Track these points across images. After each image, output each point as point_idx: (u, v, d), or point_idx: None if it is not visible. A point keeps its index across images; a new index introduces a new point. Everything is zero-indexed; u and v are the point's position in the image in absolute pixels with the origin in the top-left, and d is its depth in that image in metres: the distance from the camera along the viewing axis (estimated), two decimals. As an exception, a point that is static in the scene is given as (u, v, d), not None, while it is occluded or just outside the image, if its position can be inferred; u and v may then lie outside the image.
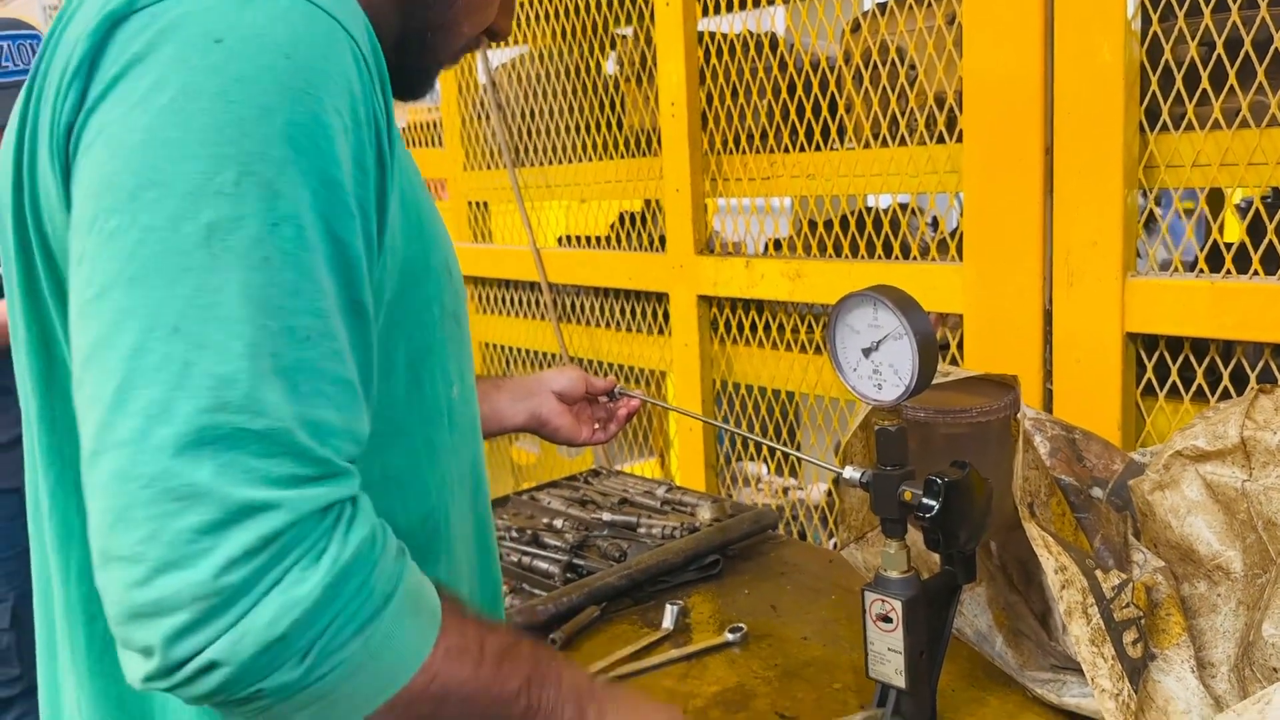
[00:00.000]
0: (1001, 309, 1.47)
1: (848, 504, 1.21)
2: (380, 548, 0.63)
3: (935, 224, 1.95)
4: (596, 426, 1.41)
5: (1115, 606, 1.05)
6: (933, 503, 0.95)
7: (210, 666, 0.56)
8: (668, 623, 1.40)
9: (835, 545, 1.94)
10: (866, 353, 1.01)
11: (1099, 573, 1.07)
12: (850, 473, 1.05)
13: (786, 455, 1.97)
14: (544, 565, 1.58)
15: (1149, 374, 1.38)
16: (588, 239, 2.27)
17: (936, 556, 1.08)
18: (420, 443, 0.78)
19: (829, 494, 2.31)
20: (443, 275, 0.80)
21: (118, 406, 0.57)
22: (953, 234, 1.57)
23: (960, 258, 1.52)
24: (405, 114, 2.81)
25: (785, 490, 2.46)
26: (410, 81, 0.85)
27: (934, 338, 0.98)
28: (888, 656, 1.04)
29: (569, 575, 1.54)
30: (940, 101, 1.55)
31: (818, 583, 1.51)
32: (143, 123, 0.59)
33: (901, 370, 0.98)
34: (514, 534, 1.68)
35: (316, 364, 0.61)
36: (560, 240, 2.39)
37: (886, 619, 1.03)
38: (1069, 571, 1.04)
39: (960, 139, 1.50)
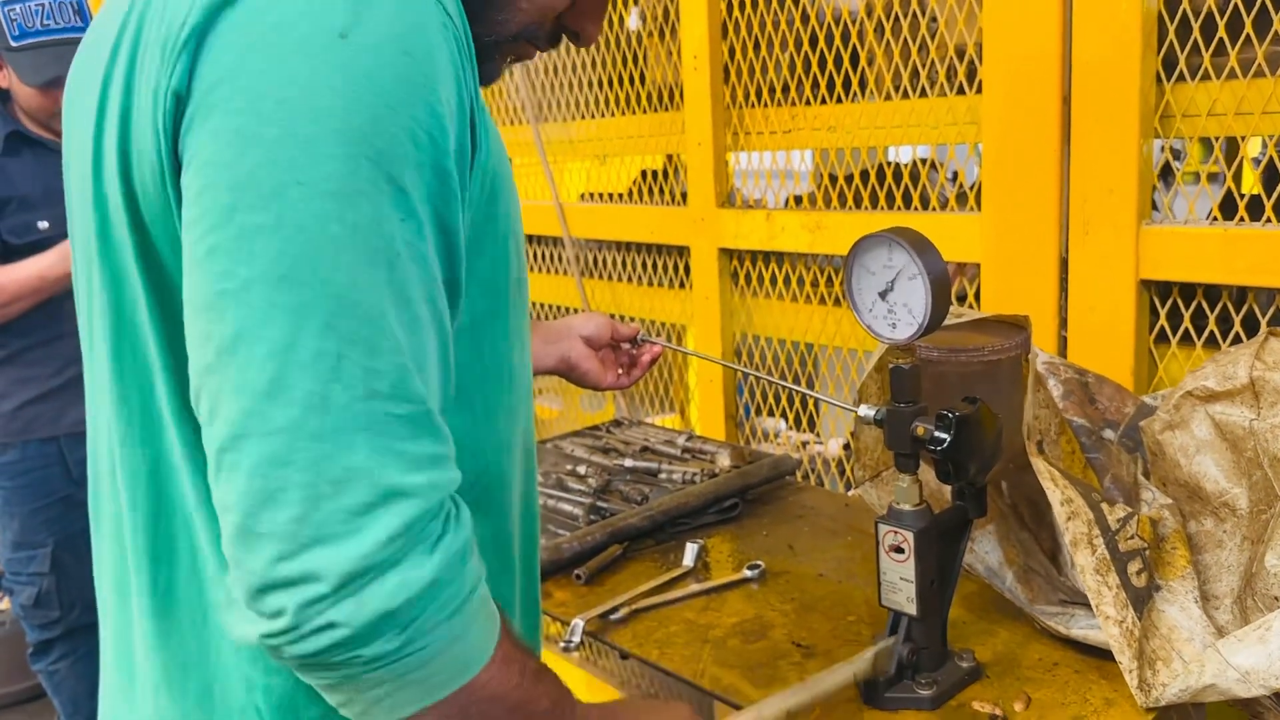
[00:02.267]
0: (1018, 257, 1.49)
1: (863, 443, 1.25)
2: (472, 545, 0.68)
3: (955, 178, 1.97)
4: (620, 371, 1.45)
5: (1120, 538, 1.09)
6: (944, 435, 0.99)
7: (328, 627, 0.61)
8: (688, 560, 1.44)
9: (850, 490, 1.98)
10: (882, 294, 1.04)
11: (1104, 505, 1.10)
12: (865, 410, 1.09)
13: (805, 404, 2.01)
14: (568, 508, 1.62)
15: (1162, 321, 1.41)
16: (610, 195, 2.30)
17: (949, 493, 1.12)
18: (479, 403, 0.82)
19: (846, 447, 2.35)
20: (510, 242, 0.83)
21: (272, 396, 0.61)
22: (972, 187, 1.60)
23: (979, 208, 1.55)
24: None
25: (804, 443, 2.50)
26: (484, 68, 0.83)
27: (948, 277, 1.01)
28: (900, 585, 1.08)
29: (592, 517, 1.59)
30: (960, 53, 1.56)
31: (834, 524, 1.56)
32: (277, 117, 0.61)
33: (915, 309, 1.01)
34: (539, 478, 1.73)
35: (428, 351, 0.66)
36: (582, 196, 2.42)
37: (899, 549, 1.07)
38: (1075, 504, 1.08)
39: (980, 90, 1.52)
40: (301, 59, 0.62)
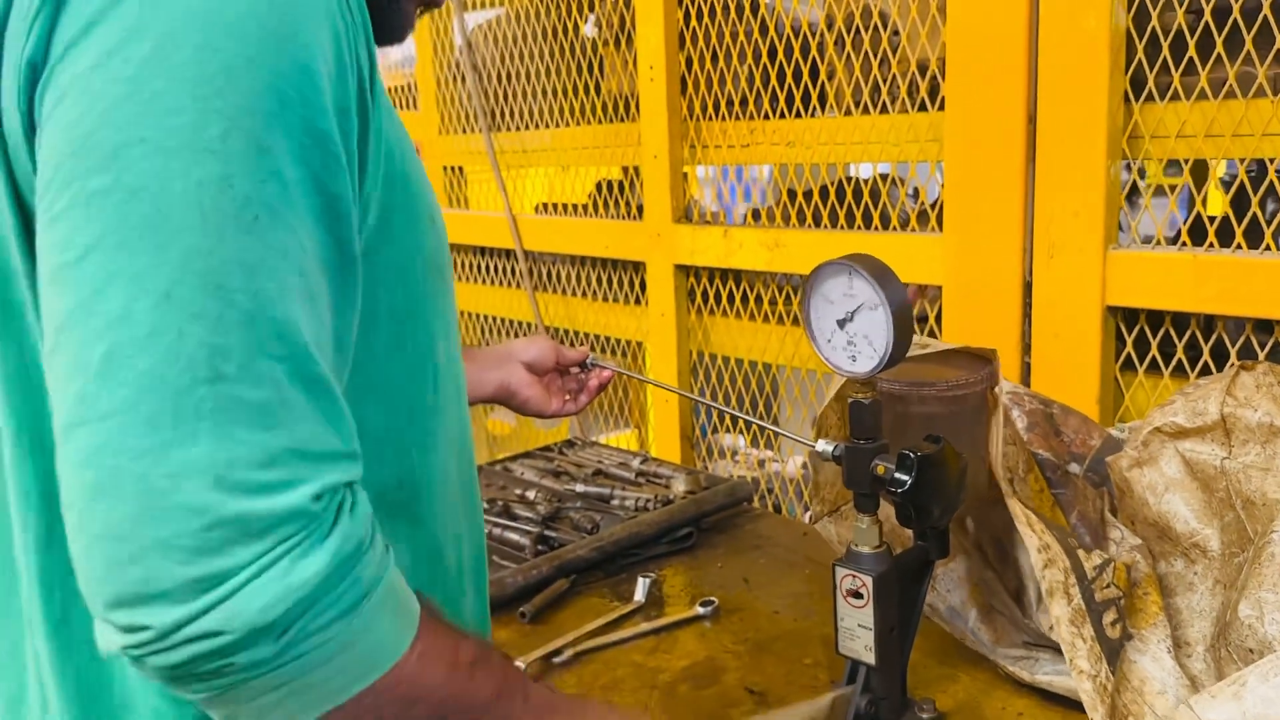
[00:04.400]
0: (981, 281, 1.44)
1: (822, 477, 1.19)
2: (371, 538, 0.61)
3: (916, 194, 1.92)
4: (567, 398, 1.39)
5: (1097, 586, 1.04)
6: (905, 477, 0.93)
7: (191, 640, 0.54)
8: (639, 595, 1.38)
9: (810, 518, 1.93)
10: (841, 323, 0.98)
11: (1081, 552, 1.05)
12: (823, 446, 1.03)
13: (763, 428, 1.95)
14: (515, 537, 1.55)
15: (1128, 348, 1.36)
16: (568, 206, 2.23)
17: (910, 531, 1.06)
18: (400, 401, 0.75)
19: (805, 466, 2.29)
20: (425, 225, 0.77)
21: (104, 376, 0.54)
22: (933, 205, 1.55)
23: (940, 228, 1.50)
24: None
25: (762, 463, 2.44)
26: (388, 21, 0.81)
27: (910, 309, 0.95)
28: (858, 633, 1.02)
29: (540, 547, 1.52)
30: (923, 68, 1.52)
31: (791, 556, 1.50)
32: (125, 74, 0.56)
33: (876, 342, 0.96)
34: (484, 505, 1.65)
35: (298, 327, 0.59)
36: (538, 208, 2.34)
37: (857, 594, 1.01)
38: (1052, 550, 1.02)
39: (942, 106, 1.47)
40: (154, 11, 0.56)
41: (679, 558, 1.52)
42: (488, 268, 2.45)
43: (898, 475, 0.93)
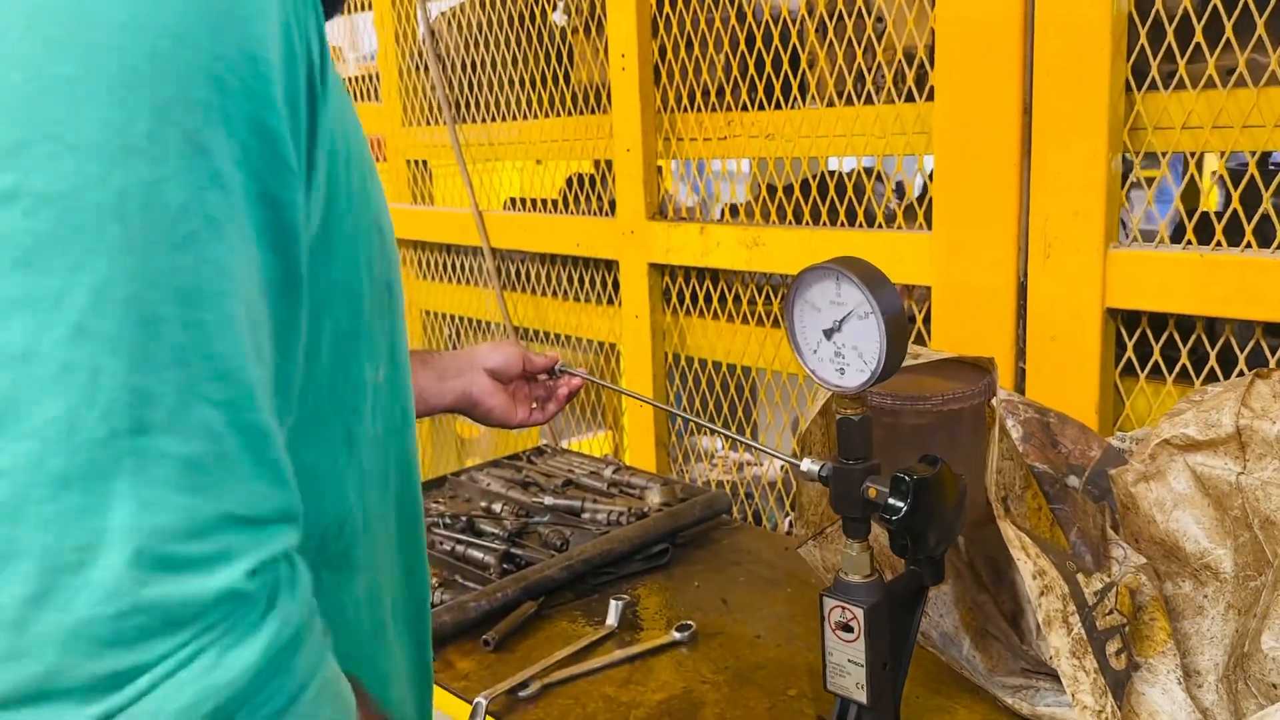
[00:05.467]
0: (972, 282, 1.36)
1: (806, 497, 1.10)
2: (310, 620, 0.52)
3: (901, 190, 1.85)
4: (534, 406, 1.30)
5: (1098, 614, 0.96)
6: (900, 504, 0.85)
7: None
8: (612, 619, 1.29)
9: (790, 531, 1.84)
10: (828, 333, 0.90)
11: (1080, 576, 0.97)
12: (808, 465, 0.95)
13: (743, 423, 1.87)
14: (479, 555, 1.46)
15: (1129, 353, 1.29)
16: (540, 202, 2.13)
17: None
18: (339, 433, 0.65)
19: (785, 469, 2.21)
20: (372, 236, 0.67)
21: (3, 425, 0.45)
22: (920, 200, 1.46)
23: (929, 226, 1.42)
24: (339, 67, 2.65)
25: (740, 466, 2.36)
26: None
27: (904, 317, 0.87)
28: (848, 669, 0.94)
29: (506, 566, 1.43)
30: (910, 56, 1.43)
31: (772, 573, 1.41)
32: (27, 56, 0.46)
33: (867, 353, 0.87)
34: (447, 520, 1.56)
35: (242, 365, 0.50)
36: (506, 204, 2.25)
37: (847, 628, 0.93)
38: (1048, 576, 0.94)
39: (931, 97, 1.38)
40: None
41: (654, 576, 1.44)
42: (455, 265, 2.36)
43: (892, 501, 0.85)
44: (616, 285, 1.91)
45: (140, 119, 0.47)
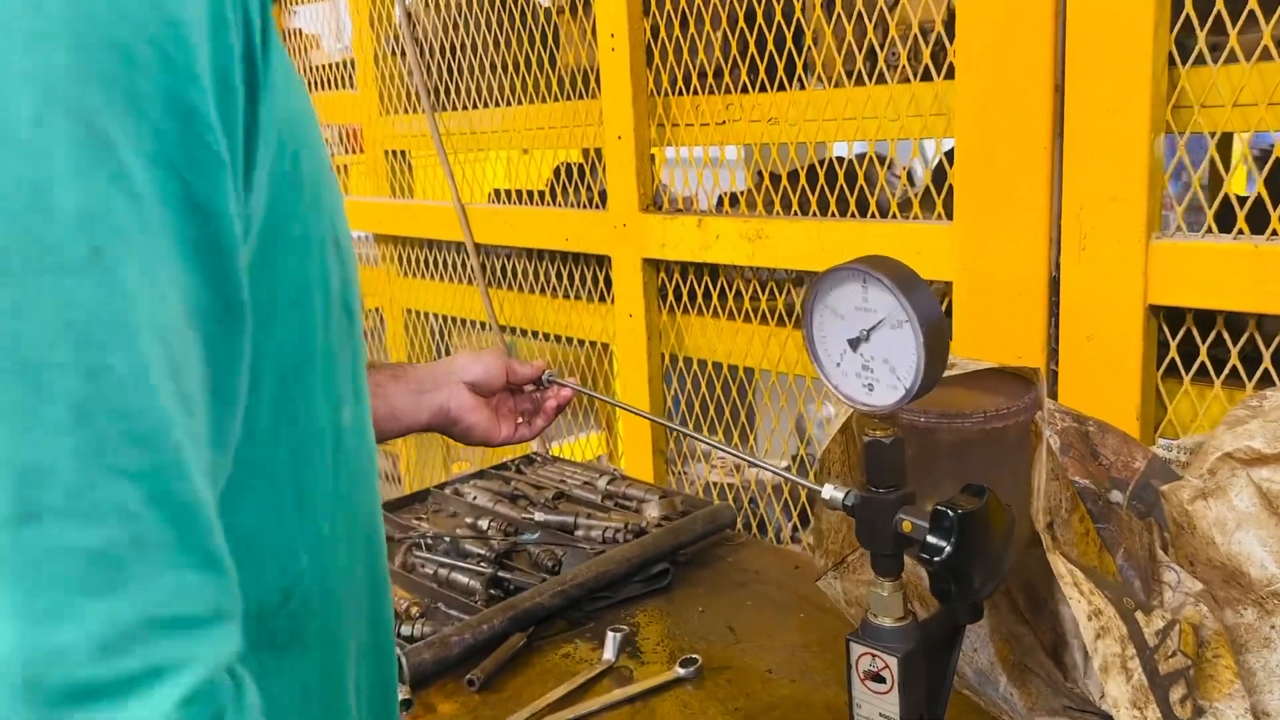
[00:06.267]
0: (999, 276, 1.25)
1: (825, 523, 0.99)
2: None
3: (911, 177, 1.73)
4: (520, 421, 1.18)
5: (1160, 657, 0.85)
6: (943, 543, 0.73)
7: None
8: (609, 654, 1.17)
9: (797, 539, 1.73)
10: (854, 344, 0.78)
11: (1139, 615, 0.86)
12: (831, 492, 0.83)
13: (740, 421, 1.75)
14: (464, 579, 1.35)
15: (1172, 353, 1.17)
16: (527, 194, 2.01)
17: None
18: (287, 488, 0.54)
19: (787, 468, 2.10)
20: (327, 251, 0.55)
21: None
22: (938, 186, 1.34)
23: (949, 215, 1.30)
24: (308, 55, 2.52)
25: (739, 468, 2.25)
26: None
27: (944, 325, 0.76)
28: (880, 724, 0.82)
29: (493, 592, 1.31)
30: (926, 30, 1.31)
31: (782, 595, 1.30)
32: None
33: (900, 367, 0.75)
34: (429, 541, 1.44)
35: (167, 425, 0.39)
36: (491, 196, 2.12)
37: (878, 678, 0.81)
38: (1105, 616, 0.83)
39: (950, 75, 1.27)
40: None
41: (654, 600, 1.32)
42: (437, 262, 2.23)
43: (933, 540, 0.74)
44: (609, 281, 1.79)
45: (20, 100, 0.35)
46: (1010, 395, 0.87)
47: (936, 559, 0.73)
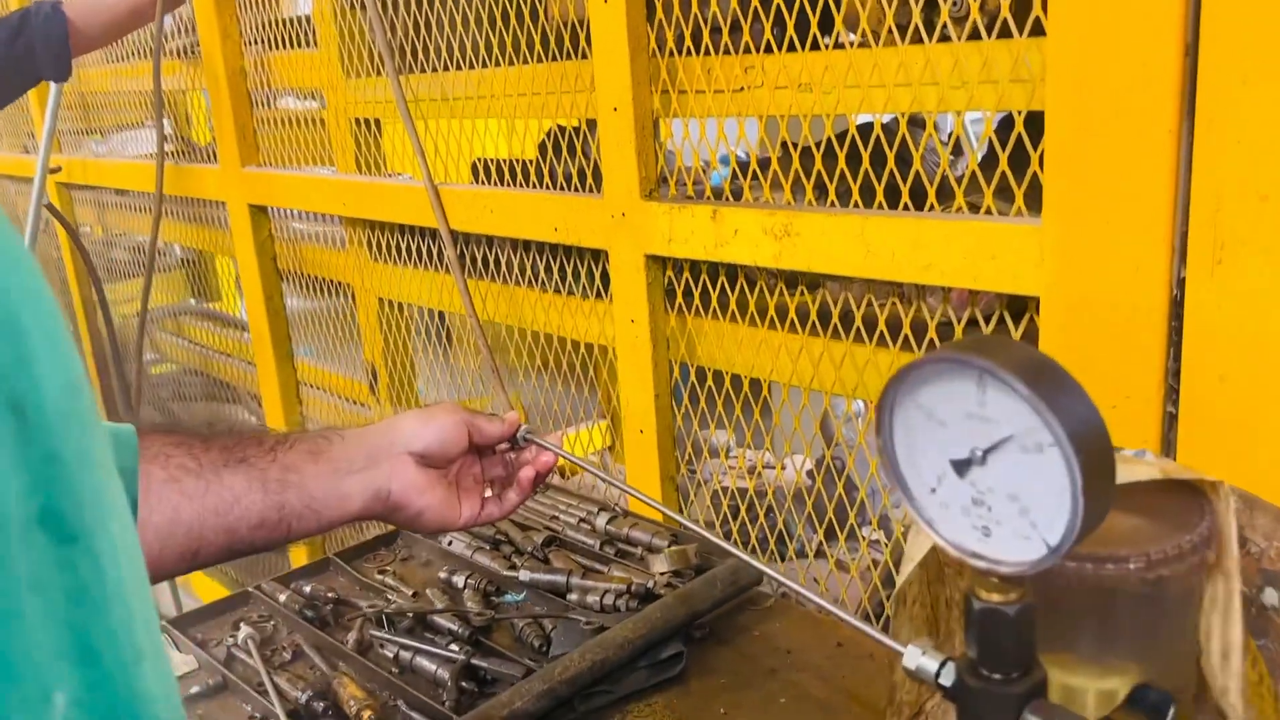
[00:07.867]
0: (1101, 293, 0.97)
1: (897, 676, 0.73)
2: None
3: (957, 151, 1.46)
4: (489, 494, 0.92)
5: None
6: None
7: None
8: (606, 787, 0.92)
9: (832, 597, 1.47)
10: (961, 467, 0.51)
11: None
12: (919, 659, 0.57)
13: (757, 413, 1.48)
14: (430, 667, 1.10)
15: (1333, 396, 0.90)
16: (520, 166, 1.72)
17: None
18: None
19: (809, 475, 1.84)
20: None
21: None
22: (1019, 175, 1.06)
23: (1035, 213, 1.02)
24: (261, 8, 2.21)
25: (752, 470, 2.00)
26: None
27: (1108, 447, 0.49)
28: None
29: (464, 685, 1.06)
30: (1004, -27, 1.02)
31: (824, 690, 1.05)
32: None
33: (1038, 509, 0.49)
34: (389, 613, 1.19)
35: None
36: (476, 168, 1.83)
37: None
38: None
39: (1040, 31, 0.98)
40: None
41: (663, 694, 1.07)
42: (409, 248, 1.95)
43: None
44: (606, 277, 1.52)
45: None
46: (1178, 526, 0.60)
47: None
